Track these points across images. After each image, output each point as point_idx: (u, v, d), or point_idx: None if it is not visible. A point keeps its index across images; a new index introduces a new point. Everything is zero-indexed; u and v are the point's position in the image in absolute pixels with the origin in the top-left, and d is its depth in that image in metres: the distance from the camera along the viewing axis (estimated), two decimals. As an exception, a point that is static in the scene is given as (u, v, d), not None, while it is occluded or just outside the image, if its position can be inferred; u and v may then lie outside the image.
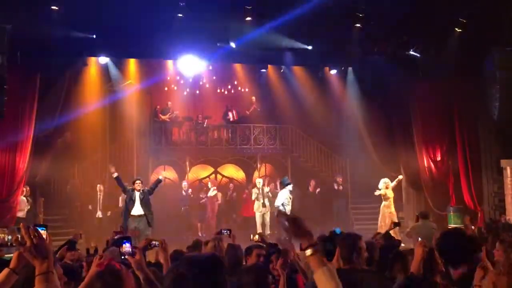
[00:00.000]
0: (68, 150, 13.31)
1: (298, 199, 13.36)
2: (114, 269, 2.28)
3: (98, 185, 13.09)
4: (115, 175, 10.27)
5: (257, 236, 5.92)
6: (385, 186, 12.29)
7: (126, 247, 3.54)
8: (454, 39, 12.09)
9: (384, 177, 14.93)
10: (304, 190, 14.44)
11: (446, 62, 12.40)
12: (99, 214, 12.89)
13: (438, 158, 13.60)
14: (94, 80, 13.72)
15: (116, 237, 5.74)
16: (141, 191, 10.12)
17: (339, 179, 14.73)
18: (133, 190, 10.15)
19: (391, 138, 14.25)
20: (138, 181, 10.31)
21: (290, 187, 11.69)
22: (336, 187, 14.54)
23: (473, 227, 8.85)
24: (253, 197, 13.12)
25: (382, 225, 11.72)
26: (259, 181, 13.33)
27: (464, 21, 11.39)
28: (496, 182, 12.60)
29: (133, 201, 10.04)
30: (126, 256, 2.96)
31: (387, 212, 12.09)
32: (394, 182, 12.51)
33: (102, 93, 14.04)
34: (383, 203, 12.30)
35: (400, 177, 12.77)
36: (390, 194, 12.30)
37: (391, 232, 7.48)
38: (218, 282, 1.76)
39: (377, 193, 12.37)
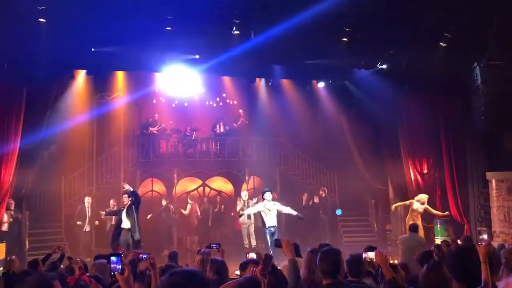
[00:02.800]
0: (54, 163, 13.19)
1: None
2: (82, 285, 2.36)
3: (87, 198, 12.99)
4: (126, 188, 10.38)
5: (252, 254, 5.81)
6: (421, 202, 12.09)
7: (114, 263, 3.49)
8: (439, 53, 12.27)
9: (371, 190, 15.05)
10: (294, 203, 14.37)
11: (432, 76, 12.57)
12: (86, 228, 12.75)
13: (425, 171, 13.71)
14: (81, 93, 13.65)
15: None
16: (127, 205, 10.13)
17: (322, 192, 14.73)
18: (123, 207, 10.20)
19: (379, 151, 14.35)
20: (124, 195, 10.35)
21: (266, 195, 11.21)
22: (315, 200, 14.54)
23: (458, 241, 8.89)
24: (238, 209, 13.11)
25: None
26: (244, 194, 13.30)
27: (449, 35, 11.57)
28: (482, 194, 12.72)
29: (121, 215, 10.09)
30: (115, 273, 2.90)
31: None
32: (439, 213, 12.36)
33: (89, 105, 13.97)
34: (409, 215, 12.10)
35: (447, 213, 12.53)
36: (420, 208, 12.06)
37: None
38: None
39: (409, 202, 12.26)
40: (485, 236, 4.81)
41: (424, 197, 12.26)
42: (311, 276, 4.57)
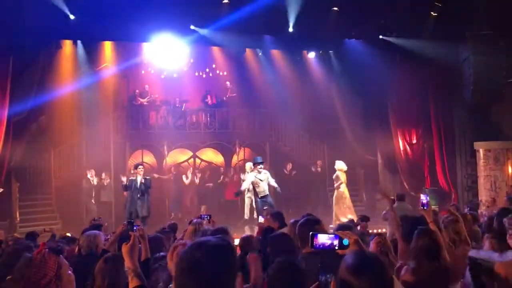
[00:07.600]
0: (43, 134, 13.08)
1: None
2: (27, 258, 2.43)
3: (90, 171, 13.04)
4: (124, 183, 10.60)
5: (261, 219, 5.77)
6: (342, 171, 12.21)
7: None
8: (430, 23, 12.20)
9: (361, 160, 15.11)
10: (281, 173, 14.49)
11: (422, 46, 12.54)
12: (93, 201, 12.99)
13: (414, 141, 13.83)
14: (69, 63, 13.44)
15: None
16: (143, 178, 10.35)
17: (319, 162, 14.90)
18: (134, 177, 10.42)
19: (368, 121, 14.40)
20: (140, 167, 10.52)
21: (259, 167, 11.09)
22: (313, 169, 14.66)
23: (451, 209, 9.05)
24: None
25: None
26: (249, 165, 13.21)
27: (440, 5, 11.49)
28: (470, 164, 12.89)
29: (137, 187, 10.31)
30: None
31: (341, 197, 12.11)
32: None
33: (78, 76, 13.78)
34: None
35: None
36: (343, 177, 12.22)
37: None
38: (231, 268, 1.81)
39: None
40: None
41: (342, 165, 12.38)
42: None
